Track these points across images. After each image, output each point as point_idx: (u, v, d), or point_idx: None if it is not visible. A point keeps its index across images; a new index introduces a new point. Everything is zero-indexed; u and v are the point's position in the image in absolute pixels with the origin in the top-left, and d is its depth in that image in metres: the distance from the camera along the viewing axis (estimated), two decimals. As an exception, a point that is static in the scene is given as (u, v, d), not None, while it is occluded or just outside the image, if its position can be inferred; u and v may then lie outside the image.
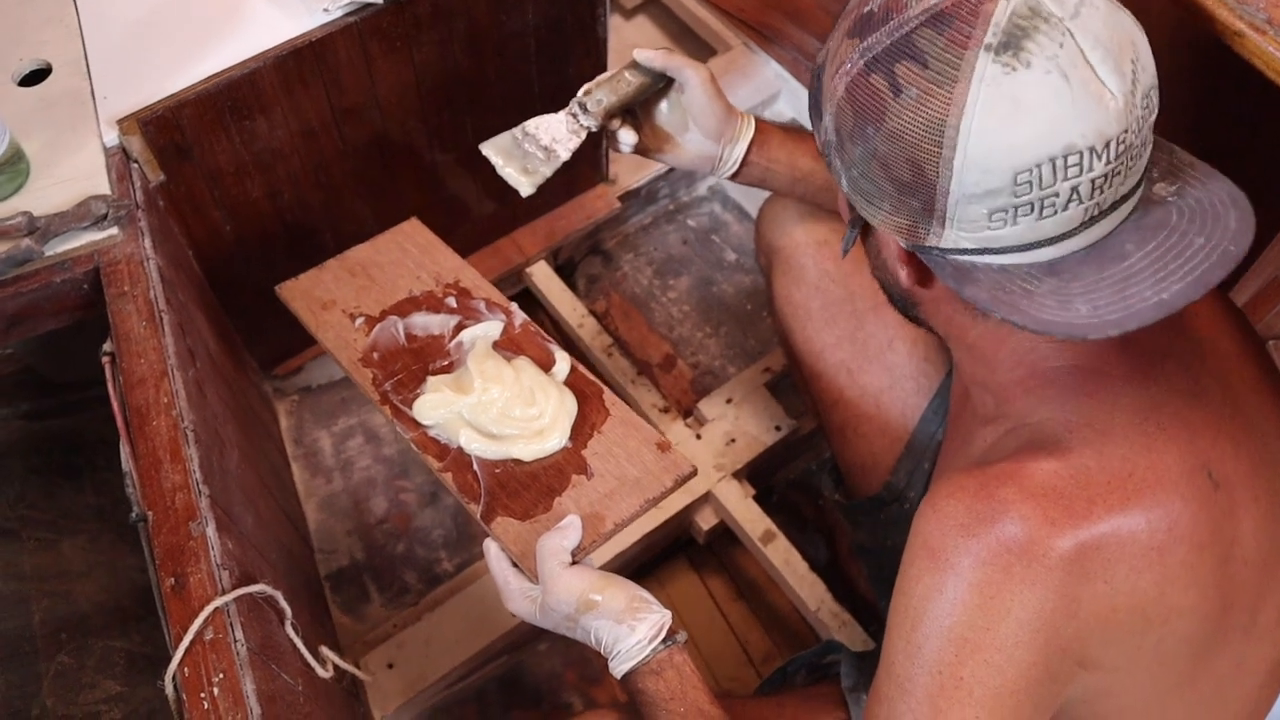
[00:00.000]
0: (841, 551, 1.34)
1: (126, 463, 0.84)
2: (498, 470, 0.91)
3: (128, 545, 1.37)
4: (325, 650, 0.93)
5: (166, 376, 0.87)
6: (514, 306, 1.05)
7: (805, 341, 1.12)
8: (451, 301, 1.05)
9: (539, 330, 1.02)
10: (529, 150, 0.95)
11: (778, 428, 1.38)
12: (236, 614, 0.76)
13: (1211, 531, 0.65)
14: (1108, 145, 0.58)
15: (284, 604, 0.85)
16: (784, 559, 1.28)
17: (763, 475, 1.41)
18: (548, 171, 0.95)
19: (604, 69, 1.44)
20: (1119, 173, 0.60)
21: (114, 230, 0.95)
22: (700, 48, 1.90)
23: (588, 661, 1.32)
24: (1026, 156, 0.58)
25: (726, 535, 1.36)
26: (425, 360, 0.99)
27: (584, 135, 0.94)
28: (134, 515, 0.82)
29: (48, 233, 0.93)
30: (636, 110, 0.96)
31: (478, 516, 0.88)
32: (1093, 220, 0.61)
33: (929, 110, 0.59)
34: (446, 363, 1.00)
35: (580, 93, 0.93)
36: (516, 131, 0.95)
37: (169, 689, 0.74)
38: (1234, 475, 0.67)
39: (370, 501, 1.43)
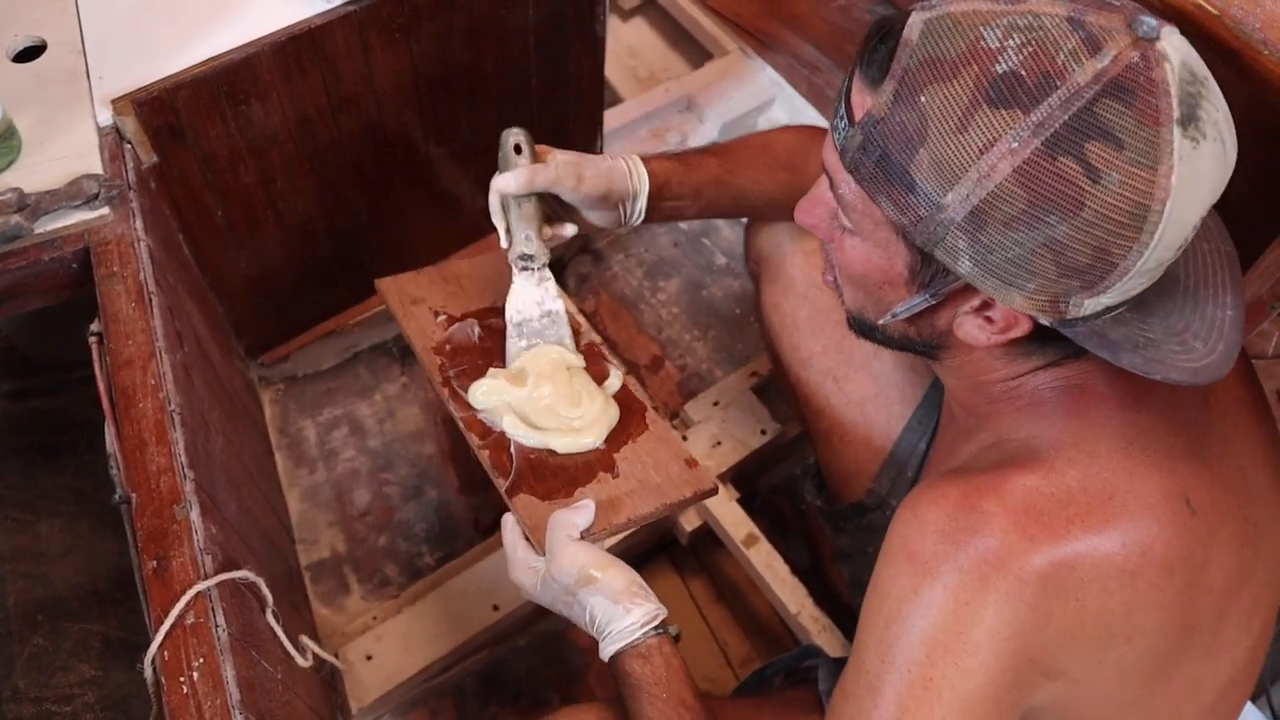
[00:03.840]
0: (823, 557, 1.35)
1: (111, 444, 0.84)
2: (532, 456, 0.94)
3: (106, 528, 1.36)
4: (305, 639, 0.92)
5: (154, 359, 0.87)
6: (585, 325, 1.07)
7: (792, 349, 1.13)
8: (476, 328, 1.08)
9: (603, 350, 1.06)
10: (538, 331, 0.99)
11: (763, 432, 1.39)
12: (218, 599, 0.76)
13: (1183, 557, 0.66)
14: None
15: (266, 591, 0.85)
16: (766, 562, 1.28)
17: (747, 479, 1.42)
18: (566, 330, 1.00)
19: (601, 69, 1.44)
20: None
21: (105, 210, 0.94)
22: (697, 52, 1.91)
23: (568, 659, 1.32)
24: (1193, 223, 0.59)
25: (709, 537, 1.36)
26: (491, 359, 1.02)
27: (550, 275, 0.98)
28: (117, 497, 0.82)
29: (38, 210, 0.92)
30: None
31: (503, 490, 0.91)
32: None
33: (1132, 196, 0.56)
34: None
35: (510, 249, 0.94)
36: (510, 332, 0.99)
37: (148, 672, 0.73)
38: (1210, 503, 0.68)
39: (353, 493, 1.43)
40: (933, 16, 0.60)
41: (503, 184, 0.90)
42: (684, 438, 1.37)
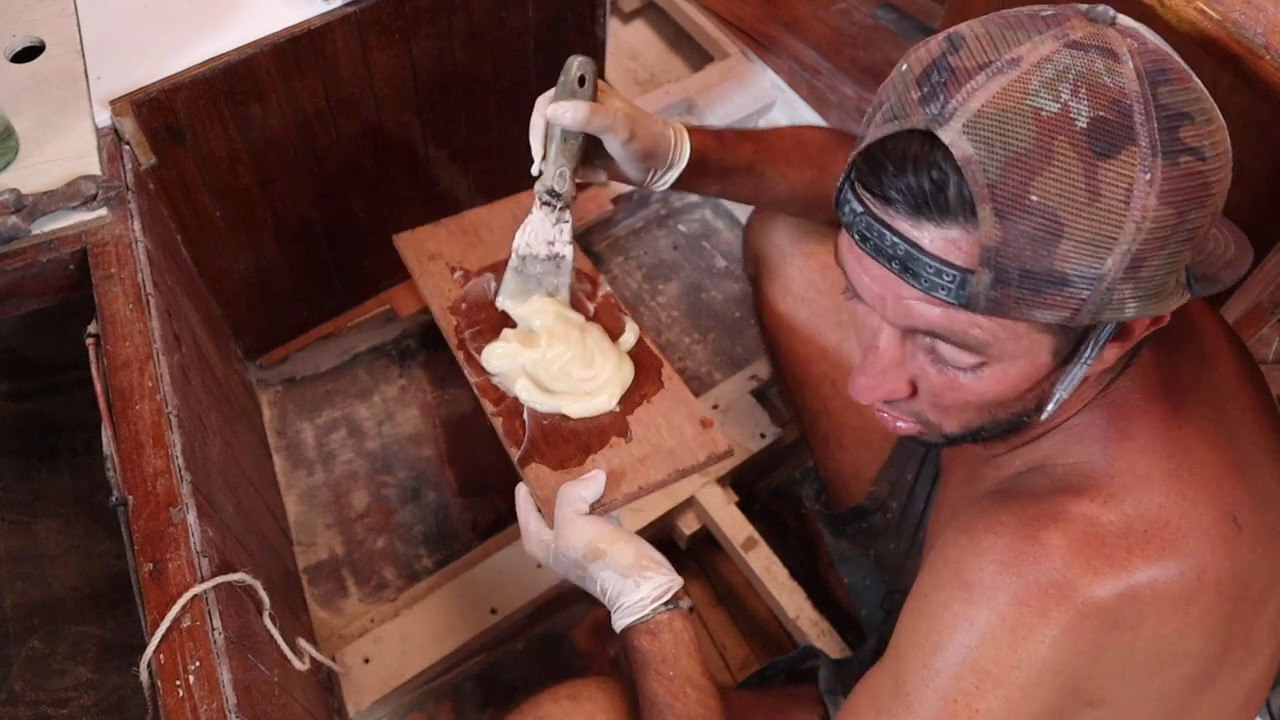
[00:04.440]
0: (822, 561, 1.35)
1: (108, 446, 0.83)
2: (545, 422, 0.93)
3: (103, 530, 1.35)
4: (302, 643, 0.92)
5: (151, 360, 0.86)
6: (601, 278, 1.06)
7: (791, 352, 1.13)
8: (491, 281, 1.05)
9: (618, 302, 1.04)
10: (537, 273, 0.96)
11: (763, 435, 1.38)
12: (215, 602, 0.76)
13: (1232, 578, 0.65)
14: None
15: (263, 594, 0.84)
16: (765, 566, 1.28)
17: (746, 482, 1.41)
18: (567, 279, 0.97)
19: (601, 71, 1.44)
20: None
21: (103, 211, 0.94)
22: (697, 54, 1.91)
23: (566, 663, 1.32)
24: None
25: (708, 541, 1.36)
26: (506, 316, 1.01)
27: (569, 218, 0.94)
28: (114, 499, 0.81)
29: (35, 211, 0.92)
30: None
31: (515, 460, 0.90)
32: None
33: (1222, 151, 0.57)
34: None
35: (540, 178, 0.90)
36: (514, 262, 0.96)
37: (144, 675, 0.73)
38: (1252, 518, 0.67)
39: (351, 495, 1.43)
40: (965, 121, 0.55)
41: (558, 113, 0.85)
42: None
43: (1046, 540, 0.63)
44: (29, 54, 1.06)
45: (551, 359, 0.95)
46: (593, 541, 0.81)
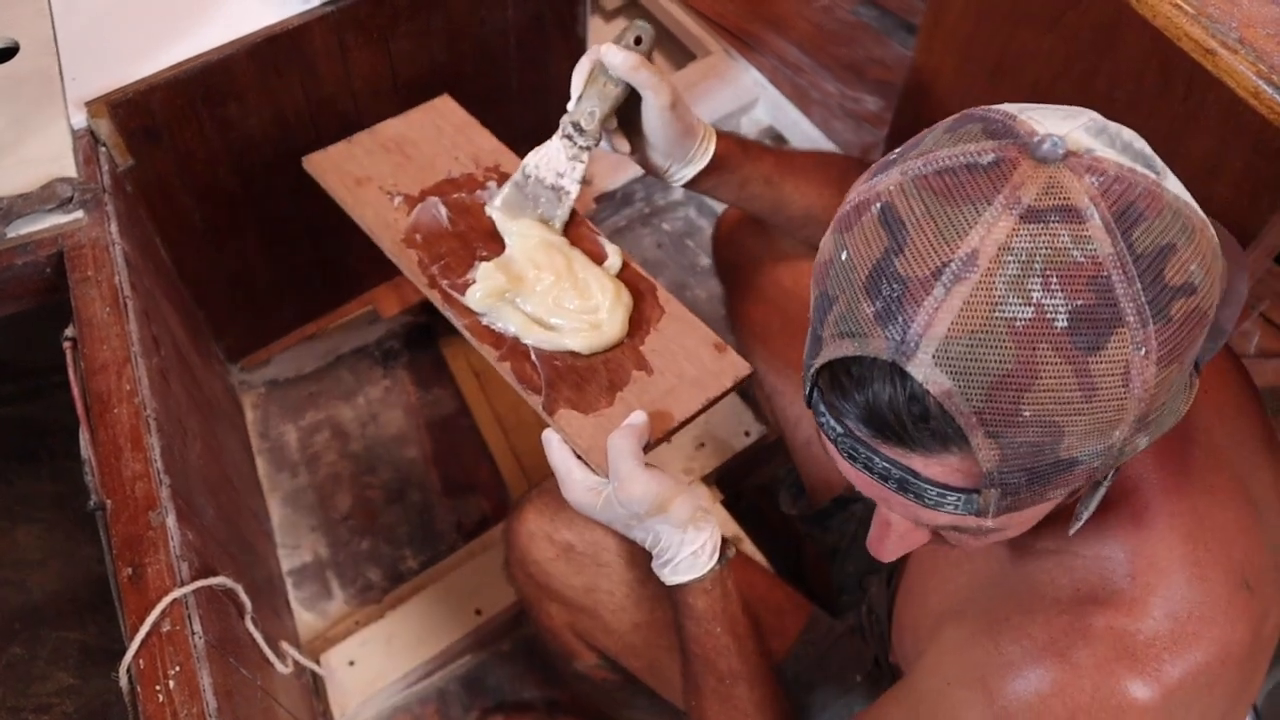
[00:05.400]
0: (808, 558, 1.35)
1: (85, 450, 0.83)
2: (557, 362, 0.88)
3: (85, 535, 1.34)
4: (285, 646, 0.91)
5: (129, 363, 0.86)
6: (579, 214, 1.00)
7: (767, 359, 1.12)
8: (494, 186, 0.99)
9: (590, 225, 0.98)
10: (537, 194, 0.93)
11: (747, 433, 1.38)
12: (195, 606, 0.75)
13: (1251, 642, 0.64)
14: None
15: (244, 598, 0.84)
16: (750, 564, 1.28)
17: (732, 480, 1.41)
18: (564, 213, 0.94)
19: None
20: None
21: (79, 214, 0.94)
22: (680, 52, 1.90)
23: (550, 662, 1.32)
24: None
25: (693, 539, 1.36)
26: (471, 245, 0.95)
27: (586, 159, 0.91)
28: (92, 503, 0.81)
29: (10, 214, 0.91)
30: None
31: (540, 408, 0.86)
32: None
33: (1210, 253, 0.51)
34: (494, 248, 0.95)
35: (570, 110, 0.89)
36: (518, 177, 0.93)
37: (123, 681, 0.72)
38: (1260, 573, 0.65)
39: (335, 497, 1.42)
40: (934, 351, 0.49)
41: (607, 53, 0.86)
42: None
43: (1076, 660, 0.61)
44: (3, 56, 1.05)
45: (543, 291, 0.89)
46: (659, 496, 0.78)
